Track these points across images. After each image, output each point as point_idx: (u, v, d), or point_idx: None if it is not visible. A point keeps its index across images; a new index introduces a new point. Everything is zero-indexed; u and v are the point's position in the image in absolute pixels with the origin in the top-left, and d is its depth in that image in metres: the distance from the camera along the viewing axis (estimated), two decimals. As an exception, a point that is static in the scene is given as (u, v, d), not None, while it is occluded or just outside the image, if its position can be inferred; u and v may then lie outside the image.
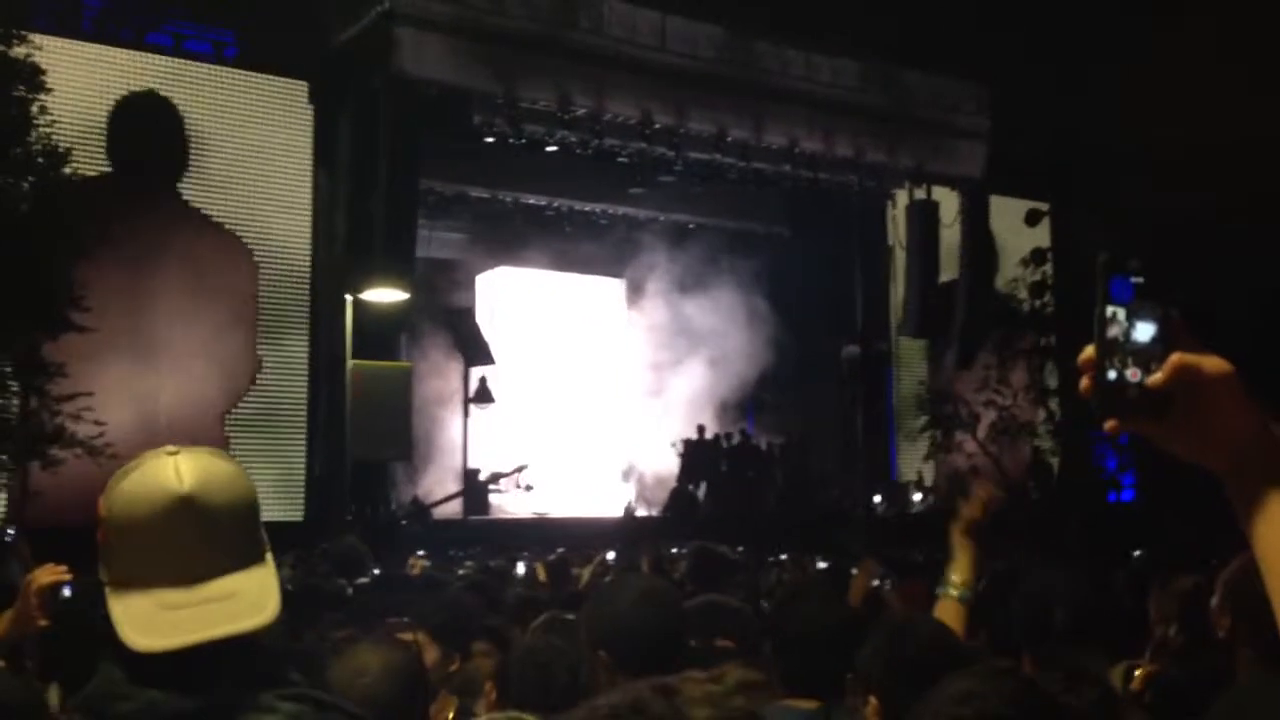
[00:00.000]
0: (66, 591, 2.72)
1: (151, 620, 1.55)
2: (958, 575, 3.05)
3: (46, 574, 2.74)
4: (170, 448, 1.66)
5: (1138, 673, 3.36)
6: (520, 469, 19.03)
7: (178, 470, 1.60)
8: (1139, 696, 3.20)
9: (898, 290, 20.80)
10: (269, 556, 1.69)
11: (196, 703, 1.53)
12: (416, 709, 2.18)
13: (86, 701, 1.57)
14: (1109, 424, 1.06)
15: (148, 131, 15.09)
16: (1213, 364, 1.04)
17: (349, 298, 14.52)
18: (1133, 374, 1.04)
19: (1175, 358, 1.03)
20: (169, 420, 14.32)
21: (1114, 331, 1.05)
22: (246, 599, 1.60)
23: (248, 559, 1.64)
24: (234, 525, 1.64)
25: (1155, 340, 1.04)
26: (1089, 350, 1.05)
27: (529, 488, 19.07)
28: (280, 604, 1.63)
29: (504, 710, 2.31)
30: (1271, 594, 1.05)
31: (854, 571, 5.69)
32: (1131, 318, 1.05)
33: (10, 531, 10.54)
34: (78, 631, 2.42)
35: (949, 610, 2.98)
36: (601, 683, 2.54)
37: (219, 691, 1.55)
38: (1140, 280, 1.05)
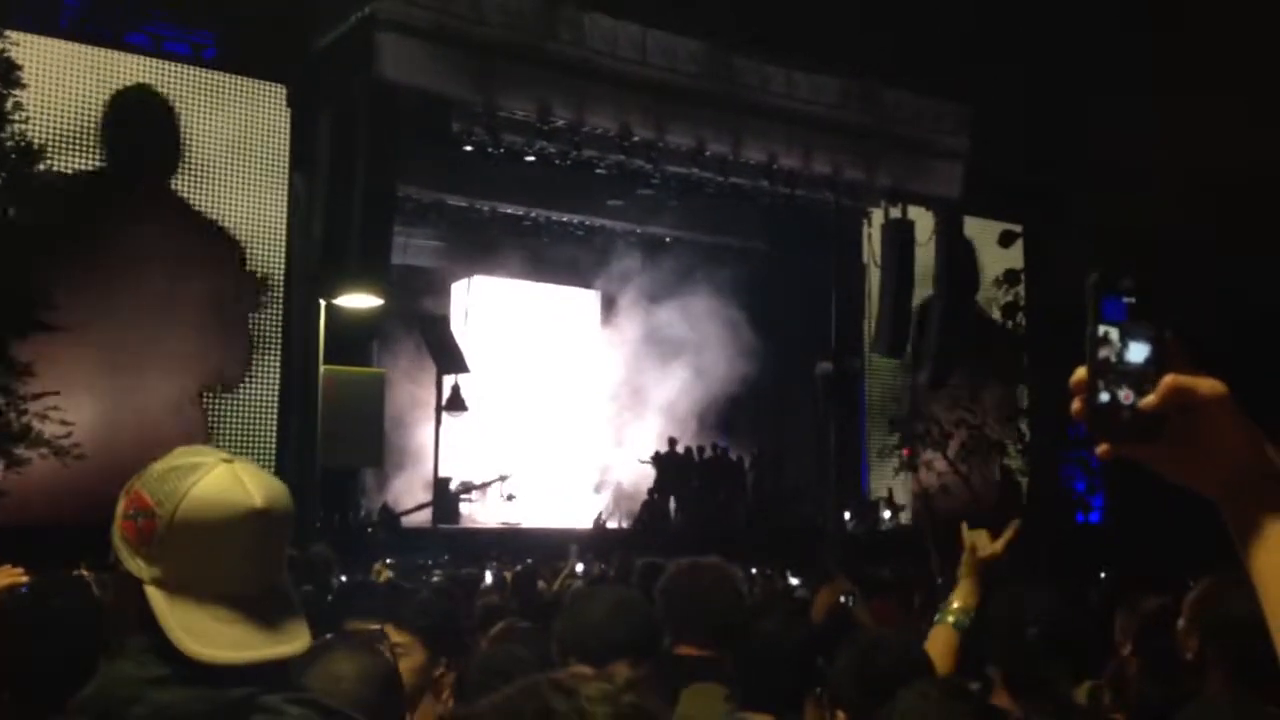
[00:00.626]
0: (23, 592, 2.69)
1: (209, 630, 1.57)
2: (959, 602, 3.05)
3: (3, 576, 2.70)
4: (223, 454, 1.68)
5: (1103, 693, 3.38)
6: (503, 478, 19.02)
7: (243, 482, 1.63)
8: (1101, 714, 3.22)
9: (872, 308, 20.88)
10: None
11: (206, 706, 1.54)
12: (393, 715, 2.17)
13: (93, 703, 1.56)
14: (1101, 448, 1.03)
15: (140, 126, 14.93)
16: (1208, 385, 1.02)
17: (322, 303, 14.43)
18: (1125, 396, 1.02)
19: (1169, 379, 1.01)
20: (140, 422, 14.15)
21: (1106, 352, 1.02)
22: (285, 623, 1.63)
23: (285, 582, 1.69)
24: (286, 543, 1.69)
25: (1149, 361, 1.02)
26: (1080, 372, 1.03)
27: (511, 497, 19.04)
28: (307, 632, 1.66)
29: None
30: (1269, 618, 1.03)
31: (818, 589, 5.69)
32: (1124, 338, 1.02)
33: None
34: (23, 632, 2.39)
35: (943, 636, 2.98)
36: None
37: (229, 694, 1.56)
38: (1133, 300, 1.03)
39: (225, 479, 1.62)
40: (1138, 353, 1.02)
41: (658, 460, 19.33)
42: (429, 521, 16.41)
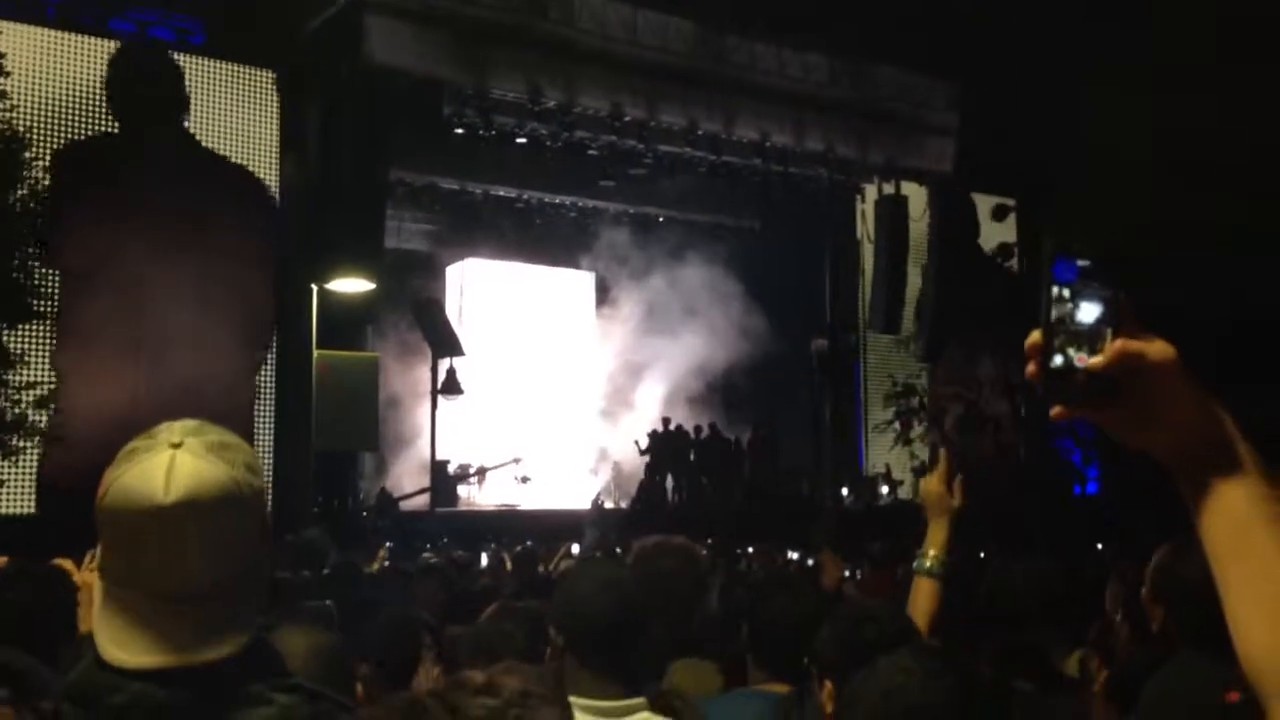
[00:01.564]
0: None
1: (123, 632, 1.50)
2: (934, 549, 3.04)
3: None
4: (178, 433, 1.56)
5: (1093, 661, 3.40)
6: (516, 460, 19.08)
7: (170, 473, 1.51)
8: (1089, 682, 3.24)
9: (866, 284, 20.88)
10: (260, 568, 1.61)
11: (189, 694, 1.48)
12: (340, 689, 2.18)
13: (74, 690, 1.51)
14: (1055, 410, 1.04)
15: (143, 78, 14.57)
16: (1157, 349, 1.02)
17: (314, 288, 14.40)
18: (1080, 359, 1.02)
19: (1118, 342, 1.01)
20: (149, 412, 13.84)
21: (1059, 314, 1.03)
22: (218, 621, 1.53)
23: (229, 572, 1.55)
24: (224, 537, 1.54)
25: (1100, 321, 1.02)
26: (1035, 335, 1.04)
27: (526, 479, 19.10)
28: (251, 631, 1.55)
29: None
30: (1220, 583, 1.03)
31: (809, 562, 5.71)
32: (1076, 299, 1.03)
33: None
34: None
35: (924, 588, 2.99)
36: (556, 666, 2.56)
37: (211, 682, 1.50)
38: (1086, 263, 1.04)
39: (149, 470, 1.51)
40: (1089, 313, 1.03)
41: (654, 440, 19.35)
42: (427, 505, 16.44)
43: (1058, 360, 1.02)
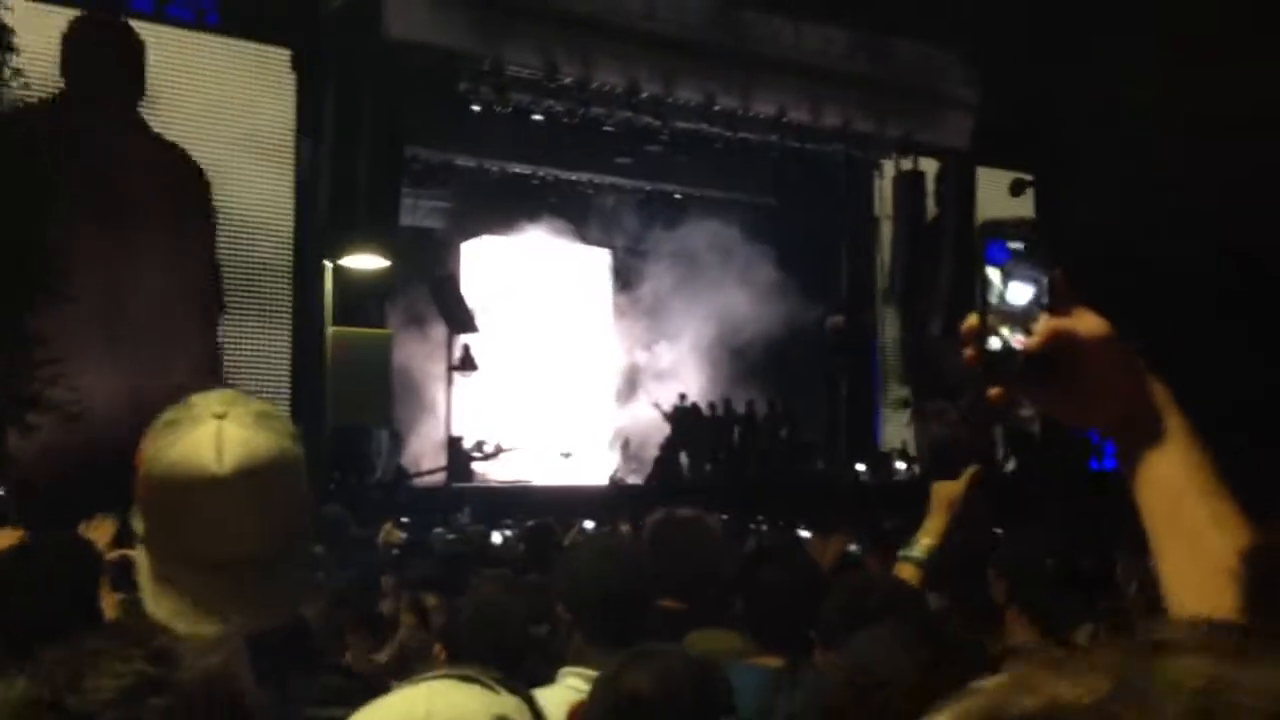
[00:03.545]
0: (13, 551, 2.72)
1: (175, 602, 1.51)
2: (927, 538, 3.06)
3: (3, 538, 2.73)
4: (219, 402, 1.57)
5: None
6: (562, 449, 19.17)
7: (219, 444, 1.51)
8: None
9: (884, 260, 20.80)
10: (305, 537, 1.63)
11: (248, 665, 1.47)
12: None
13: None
14: (994, 391, 1.04)
15: (102, 50, 14.25)
16: (1088, 325, 1.03)
17: (328, 264, 14.43)
18: (1016, 340, 1.03)
19: (1049, 322, 1.02)
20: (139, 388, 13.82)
21: (995, 296, 1.03)
22: (270, 591, 1.54)
23: (279, 543, 1.57)
24: (269, 510, 1.56)
25: (1033, 302, 1.03)
26: (972, 318, 1.04)
27: (568, 455, 19.16)
28: (303, 595, 1.59)
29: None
30: (1155, 553, 1.04)
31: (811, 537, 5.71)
32: (1008, 280, 1.03)
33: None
34: (9, 588, 2.42)
35: (905, 573, 3.00)
36: (563, 638, 2.57)
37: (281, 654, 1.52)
38: (1018, 245, 1.04)
39: (199, 441, 1.52)
40: (1023, 294, 1.03)
41: (671, 415, 19.37)
42: (442, 481, 16.51)
43: (994, 343, 1.03)
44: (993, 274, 1.04)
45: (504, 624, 2.78)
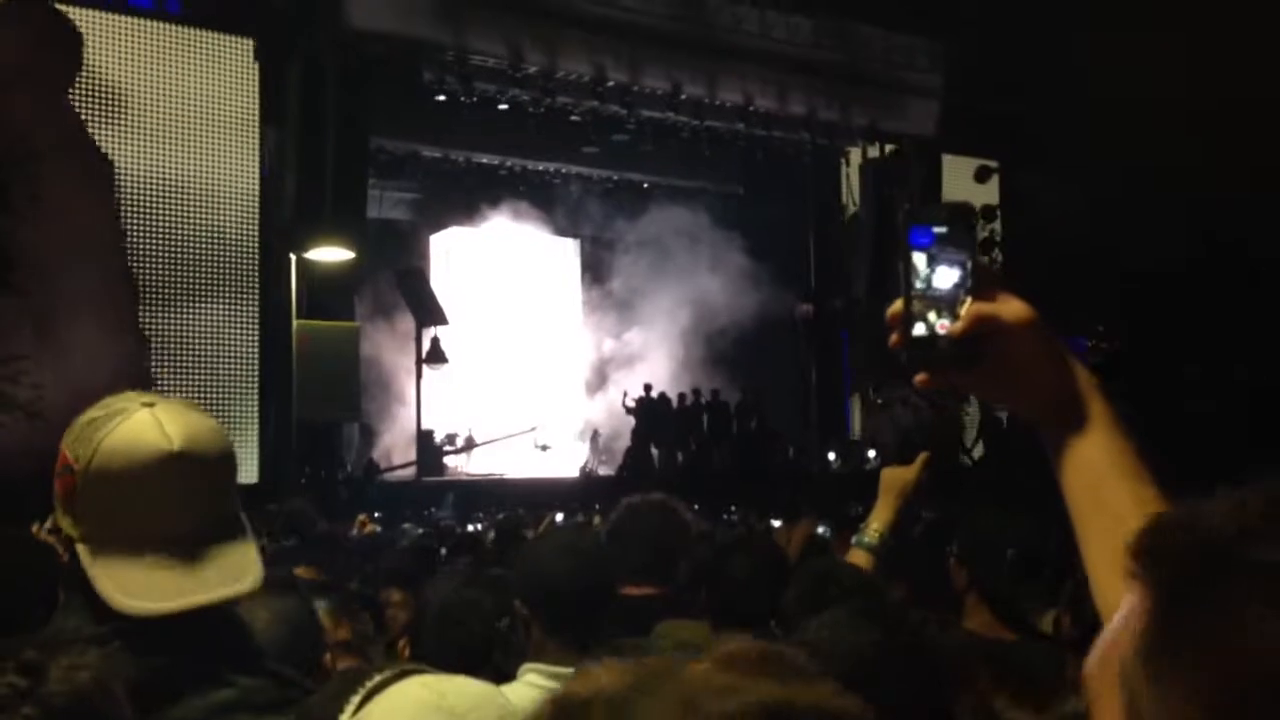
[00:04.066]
0: None
1: (137, 582, 1.51)
2: (877, 524, 3.07)
3: None
4: (145, 397, 1.60)
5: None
6: (533, 428, 19.11)
7: (160, 425, 1.55)
8: (1063, 640, 3.25)
9: (852, 247, 20.84)
10: (245, 519, 1.64)
11: (148, 667, 1.47)
12: (309, 653, 2.17)
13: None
14: (919, 377, 1.04)
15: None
16: (1012, 310, 1.03)
17: (293, 257, 14.33)
18: (941, 325, 1.02)
19: (973, 307, 1.01)
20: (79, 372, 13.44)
21: (919, 283, 1.03)
22: (230, 563, 1.56)
23: (229, 520, 1.61)
24: (217, 485, 1.61)
25: (958, 287, 1.02)
26: (897, 304, 1.04)
27: (545, 447, 19.12)
28: (261, 571, 1.59)
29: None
30: (1080, 540, 1.05)
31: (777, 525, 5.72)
32: (933, 265, 1.03)
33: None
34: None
35: (858, 559, 3.01)
36: (522, 635, 2.55)
37: (175, 660, 1.50)
38: (942, 229, 1.04)
39: (140, 425, 1.55)
40: (947, 279, 1.03)
41: (639, 406, 19.37)
42: (413, 475, 16.45)
43: (919, 328, 1.03)
44: (918, 259, 1.03)
45: (467, 620, 2.77)
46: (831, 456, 19.89)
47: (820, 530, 6.16)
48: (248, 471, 15.28)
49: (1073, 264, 17.08)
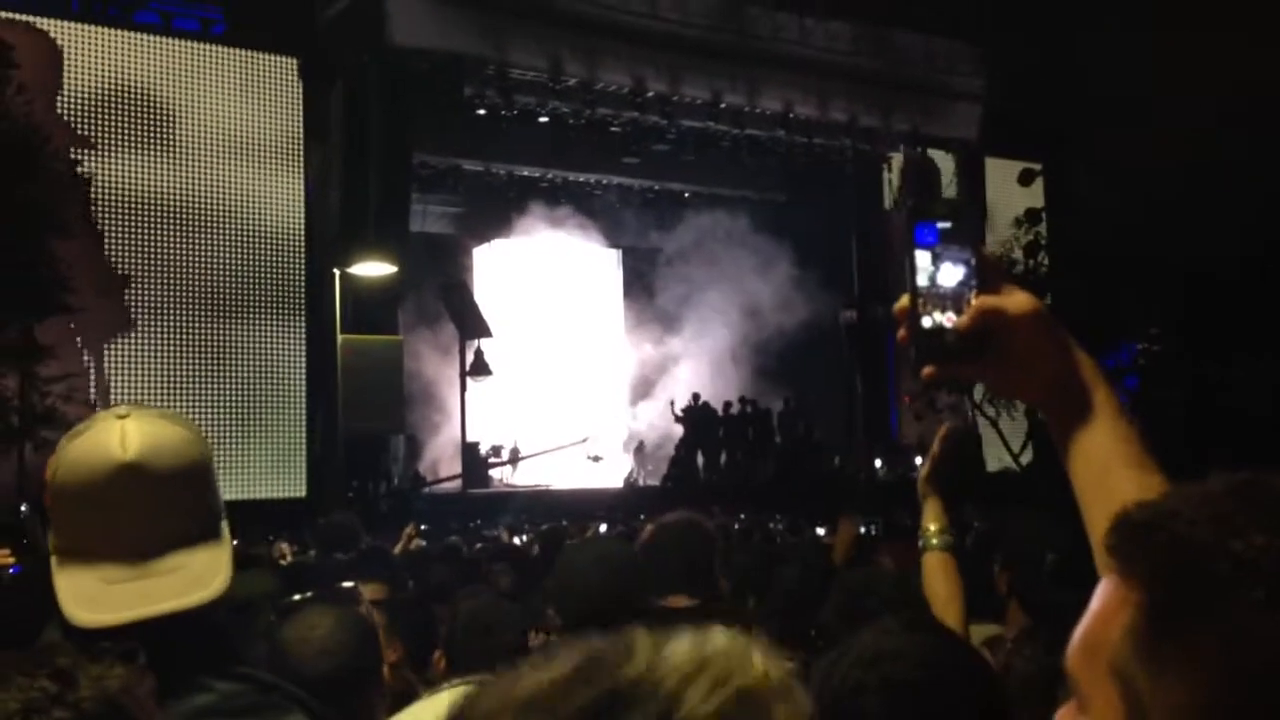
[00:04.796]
0: (12, 572, 2.72)
1: (91, 594, 1.49)
2: (932, 524, 3.01)
3: None
4: (122, 409, 1.59)
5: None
6: (584, 439, 19.12)
7: (123, 436, 1.53)
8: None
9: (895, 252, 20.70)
10: (224, 528, 1.62)
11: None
12: (372, 657, 2.20)
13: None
14: (926, 370, 1.06)
15: None
16: (1017, 302, 1.05)
17: (336, 272, 14.47)
18: (948, 319, 1.04)
19: (978, 300, 1.04)
20: None
21: (924, 278, 1.05)
22: (191, 573, 1.53)
23: (196, 530, 1.57)
24: (181, 496, 1.56)
25: (963, 283, 1.04)
26: (903, 300, 1.06)
27: (598, 458, 19.11)
28: (228, 580, 1.56)
29: (450, 679, 2.30)
30: (1088, 525, 1.05)
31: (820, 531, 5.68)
32: (938, 262, 1.05)
33: (23, 509, 10.55)
34: (11, 613, 2.41)
35: (935, 562, 2.95)
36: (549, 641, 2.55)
37: (151, 667, 1.45)
38: (946, 225, 1.05)
39: (100, 436, 1.54)
40: (952, 275, 1.05)
41: (685, 416, 19.34)
42: (459, 487, 16.50)
43: (927, 322, 1.05)
44: (922, 256, 1.05)
45: (496, 627, 2.77)
46: (879, 464, 19.73)
47: (862, 529, 6.10)
48: (296, 486, 15.43)
49: (1124, 266, 16.86)
